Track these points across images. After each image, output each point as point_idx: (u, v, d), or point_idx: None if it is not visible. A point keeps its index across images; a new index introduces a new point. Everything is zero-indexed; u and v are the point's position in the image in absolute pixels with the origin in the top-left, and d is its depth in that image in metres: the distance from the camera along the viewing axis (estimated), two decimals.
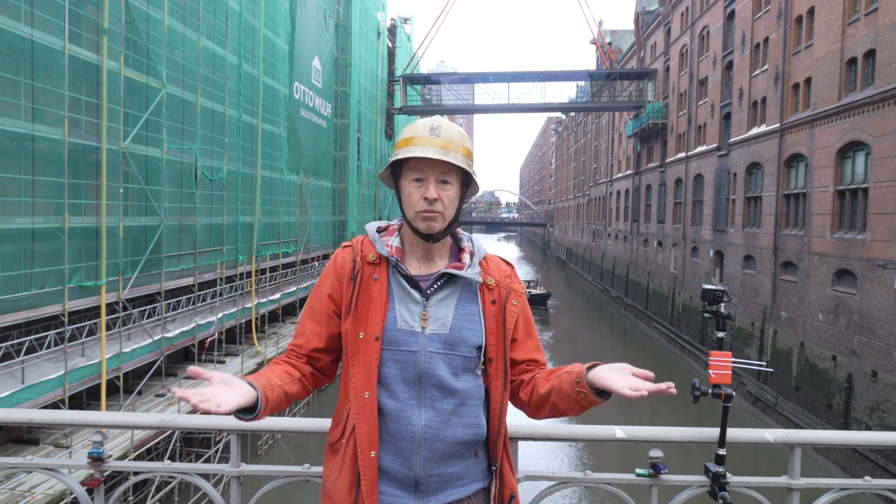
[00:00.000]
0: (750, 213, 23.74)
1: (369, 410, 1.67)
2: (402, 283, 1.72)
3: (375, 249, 1.75)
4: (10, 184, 10.80)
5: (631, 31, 51.57)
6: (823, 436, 2.27)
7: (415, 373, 1.67)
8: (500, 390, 1.75)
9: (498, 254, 1.91)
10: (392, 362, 1.68)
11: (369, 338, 1.68)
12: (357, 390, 1.68)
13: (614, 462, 16.29)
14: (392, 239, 1.78)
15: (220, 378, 1.53)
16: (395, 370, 1.68)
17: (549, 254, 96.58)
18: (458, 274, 1.72)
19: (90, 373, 11.83)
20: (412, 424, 1.66)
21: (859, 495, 2.43)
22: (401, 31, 43.30)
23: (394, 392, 1.67)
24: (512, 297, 1.78)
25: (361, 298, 1.71)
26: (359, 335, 1.69)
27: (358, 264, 1.74)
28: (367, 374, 1.67)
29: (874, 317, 15.33)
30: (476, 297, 1.75)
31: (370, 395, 1.67)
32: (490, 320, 1.74)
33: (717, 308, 2.05)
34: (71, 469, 2.25)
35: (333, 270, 1.78)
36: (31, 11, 10.87)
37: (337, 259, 1.80)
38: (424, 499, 1.68)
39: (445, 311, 1.71)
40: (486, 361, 1.74)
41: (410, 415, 1.66)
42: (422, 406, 1.67)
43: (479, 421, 1.72)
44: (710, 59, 28.64)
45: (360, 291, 1.71)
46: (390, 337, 1.68)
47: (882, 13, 15.68)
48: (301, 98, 23.33)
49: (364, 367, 1.68)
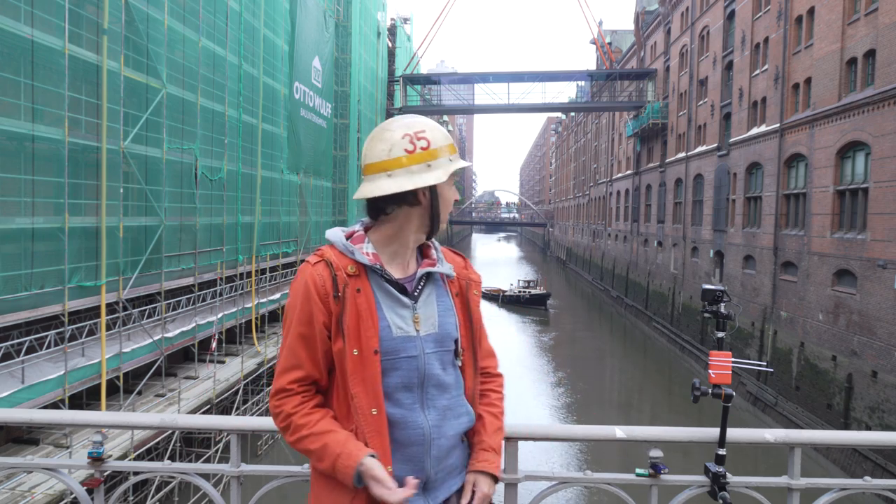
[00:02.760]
0: (750, 213, 23.74)
1: (380, 426, 1.63)
2: (389, 290, 1.68)
3: (353, 259, 1.68)
4: (10, 184, 10.80)
5: (631, 31, 51.56)
6: (823, 436, 2.27)
7: (417, 377, 1.67)
8: (472, 378, 1.81)
9: (498, 254, 1.92)
10: (392, 371, 1.65)
11: (367, 353, 1.62)
12: (363, 409, 1.62)
13: (614, 462, 16.29)
14: (365, 246, 1.70)
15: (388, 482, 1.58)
16: (396, 379, 1.66)
17: (549, 254, 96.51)
18: (437, 270, 1.75)
19: (90, 373, 11.83)
20: (421, 428, 1.67)
21: (859, 495, 2.43)
22: (401, 31, 43.29)
23: (397, 400, 1.66)
24: (473, 288, 1.83)
25: (349, 315, 1.63)
26: (353, 352, 1.62)
27: (341, 279, 1.64)
28: (372, 391, 1.62)
29: (874, 317, 15.33)
30: (447, 291, 1.79)
31: (378, 412, 1.63)
32: (458, 312, 1.79)
33: (717, 308, 2.05)
34: (71, 469, 2.25)
35: (314, 290, 1.63)
36: (31, 11, 10.87)
37: (313, 278, 1.64)
38: (433, 495, 1.71)
39: (431, 309, 1.73)
40: (461, 352, 1.79)
41: (417, 419, 1.67)
42: (425, 408, 1.69)
43: (468, 408, 1.78)
44: (710, 59, 28.64)
45: (347, 308, 1.63)
46: (388, 347, 1.64)
47: (882, 13, 15.68)
48: (301, 98, 23.32)
49: (366, 384, 1.62)
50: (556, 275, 69.41)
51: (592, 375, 27.65)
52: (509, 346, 32.12)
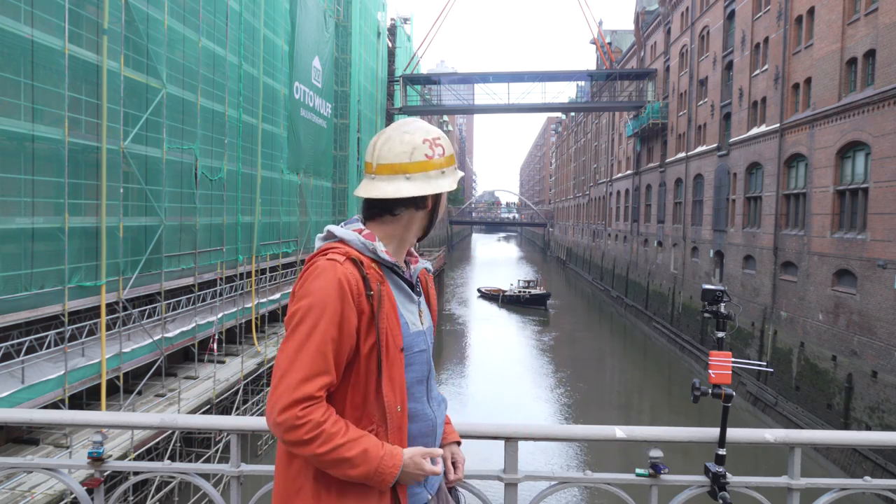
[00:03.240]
0: (750, 213, 23.75)
1: (402, 422, 1.66)
2: (403, 287, 1.74)
3: (373, 258, 1.67)
4: (10, 184, 10.79)
5: (631, 31, 51.57)
6: (823, 436, 2.27)
7: (427, 370, 1.76)
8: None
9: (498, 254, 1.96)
10: (409, 367, 1.69)
11: (394, 351, 1.63)
12: (391, 407, 1.63)
13: (614, 462, 16.29)
14: (379, 244, 1.70)
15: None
16: (412, 373, 1.70)
17: (549, 254, 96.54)
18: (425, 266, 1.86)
19: (90, 373, 11.83)
20: (430, 419, 1.75)
21: (859, 495, 2.43)
22: (401, 31, 43.28)
23: (412, 395, 1.71)
24: (430, 280, 1.92)
25: (386, 314, 1.63)
26: (387, 352, 1.62)
27: (373, 277, 1.63)
28: (399, 388, 1.65)
29: (874, 317, 15.33)
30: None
31: (402, 409, 1.65)
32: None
33: (717, 308, 2.05)
34: (71, 469, 2.26)
35: (348, 291, 1.57)
36: (31, 11, 10.86)
37: (346, 277, 1.58)
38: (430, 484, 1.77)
39: (425, 303, 1.83)
40: None
41: (426, 410, 1.74)
42: (430, 399, 1.77)
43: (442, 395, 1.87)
44: (710, 59, 28.64)
45: (382, 306, 1.62)
46: (407, 343, 1.68)
47: (882, 13, 15.68)
48: (301, 98, 23.33)
49: (394, 383, 1.64)
50: (555, 275, 69.41)
51: (592, 376, 27.64)
52: (509, 346, 32.13)
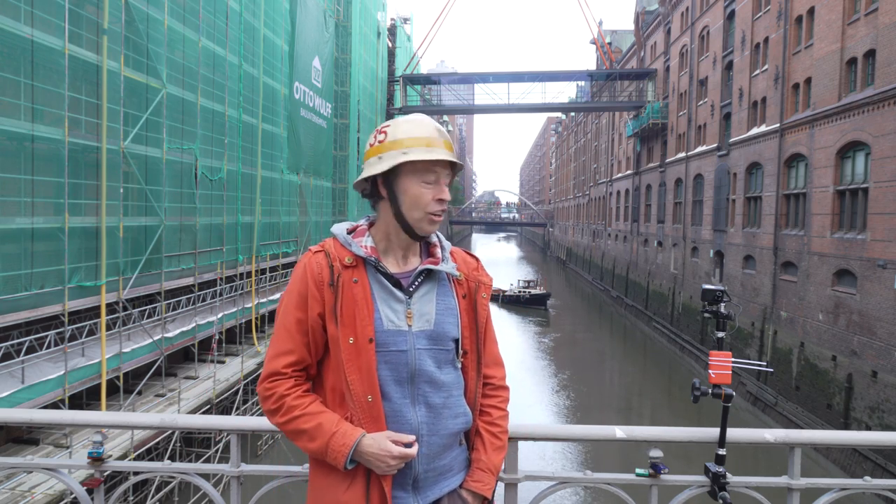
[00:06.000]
0: (750, 213, 23.74)
1: (377, 414, 1.65)
2: (384, 283, 1.71)
3: (350, 251, 1.71)
4: (10, 184, 10.79)
5: (631, 31, 51.54)
6: (823, 436, 2.27)
7: (407, 372, 1.68)
8: (474, 380, 1.81)
9: (498, 254, 1.93)
10: (382, 364, 1.67)
11: (362, 341, 1.64)
12: (359, 396, 1.65)
13: (614, 462, 16.28)
14: (364, 240, 1.75)
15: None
16: (386, 371, 1.67)
17: (549, 254, 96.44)
18: (438, 269, 1.76)
19: (90, 373, 11.83)
20: (410, 423, 1.68)
21: (859, 495, 2.43)
22: (401, 31, 43.28)
23: (386, 394, 1.67)
24: (482, 290, 1.83)
25: (345, 303, 1.66)
26: (349, 340, 1.64)
27: (336, 269, 1.68)
28: (368, 378, 1.64)
29: (874, 317, 15.33)
30: (452, 291, 1.79)
31: (374, 399, 1.65)
32: (463, 314, 1.79)
33: (717, 308, 2.05)
34: (71, 469, 2.25)
35: (310, 278, 1.68)
36: (31, 11, 10.86)
37: (311, 266, 1.69)
38: (423, 495, 1.71)
39: (428, 306, 1.73)
40: (463, 354, 1.79)
41: (406, 414, 1.68)
42: (416, 403, 1.69)
43: (465, 409, 1.78)
44: (710, 59, 28.64)
45: (343, 296, 1.66)
46: (379, 339, 1.66)
47: (882, 13, 15.68)
48: (301, 98, 23.32)
49: (362, 372, 1.64)
50: (556, 275, 69.38)
51: (592, 376, 27.64)
52: (509, 346, 32.08)
